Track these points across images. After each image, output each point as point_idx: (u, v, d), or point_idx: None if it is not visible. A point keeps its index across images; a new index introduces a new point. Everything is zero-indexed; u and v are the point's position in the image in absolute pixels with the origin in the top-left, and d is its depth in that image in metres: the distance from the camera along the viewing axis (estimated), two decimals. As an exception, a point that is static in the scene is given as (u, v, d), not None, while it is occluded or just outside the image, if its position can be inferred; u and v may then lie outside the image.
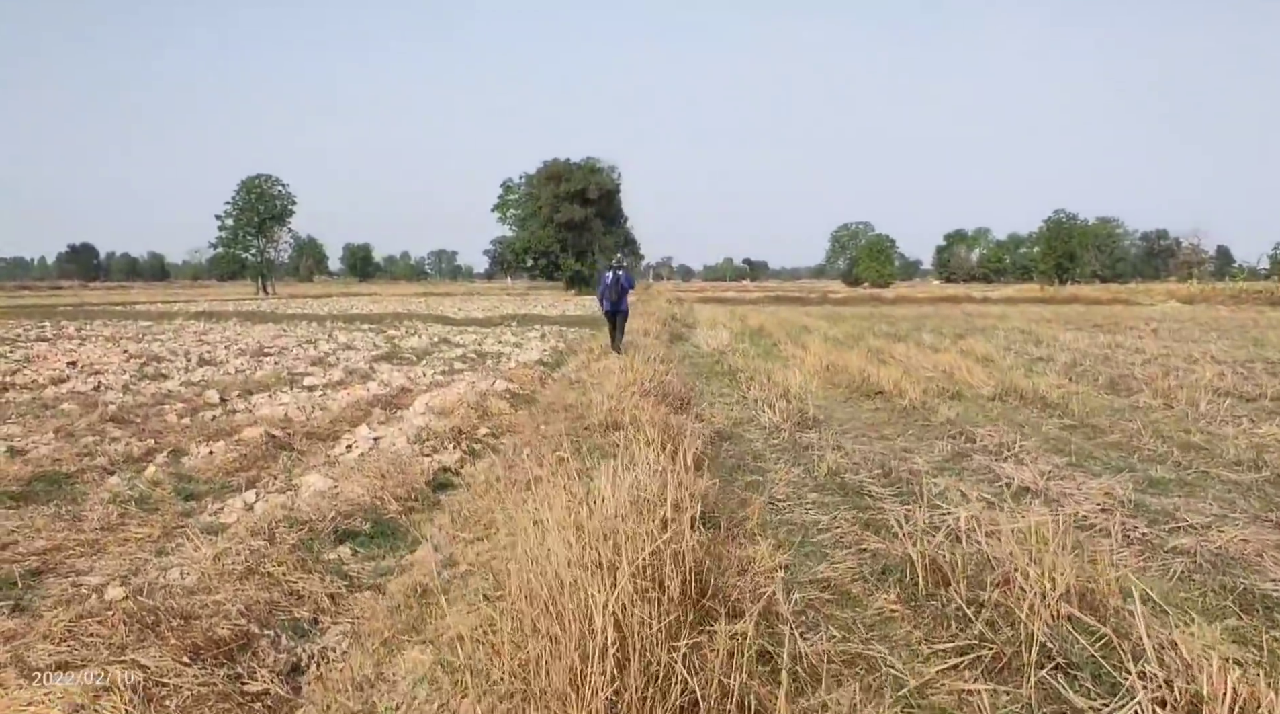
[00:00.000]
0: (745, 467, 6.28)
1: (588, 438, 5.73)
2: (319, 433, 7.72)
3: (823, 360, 12.73)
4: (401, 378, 11.80)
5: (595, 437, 5.73)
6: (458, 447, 7.11)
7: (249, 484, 5.80)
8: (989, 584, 3.42)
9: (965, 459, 6.62)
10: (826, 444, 7.17)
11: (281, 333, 22.37)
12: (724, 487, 5.37)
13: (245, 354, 15.86)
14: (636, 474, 3.84)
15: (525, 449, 5.71)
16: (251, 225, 77.12)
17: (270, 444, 6.76)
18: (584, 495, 3.58)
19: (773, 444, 7.28)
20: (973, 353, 14.38)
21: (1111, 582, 3.29)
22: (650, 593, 2.36)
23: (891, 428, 8.12)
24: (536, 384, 11.65)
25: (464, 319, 28.39)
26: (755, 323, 23.96)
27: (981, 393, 9.97)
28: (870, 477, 5.94)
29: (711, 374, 12.17)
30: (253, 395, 10.79)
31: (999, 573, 3.50)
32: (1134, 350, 15.74)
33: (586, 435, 5.88)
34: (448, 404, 8.85)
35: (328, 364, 14.17)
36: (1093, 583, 3.32)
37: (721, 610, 2.73)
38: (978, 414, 8.66)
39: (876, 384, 10.03)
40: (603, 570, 2.34)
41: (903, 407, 8.94)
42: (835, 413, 8.92)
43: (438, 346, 17.61)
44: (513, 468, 5.26)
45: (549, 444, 5.75)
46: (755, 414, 8.44)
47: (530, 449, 5.69)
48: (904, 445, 7.31)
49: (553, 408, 7.64)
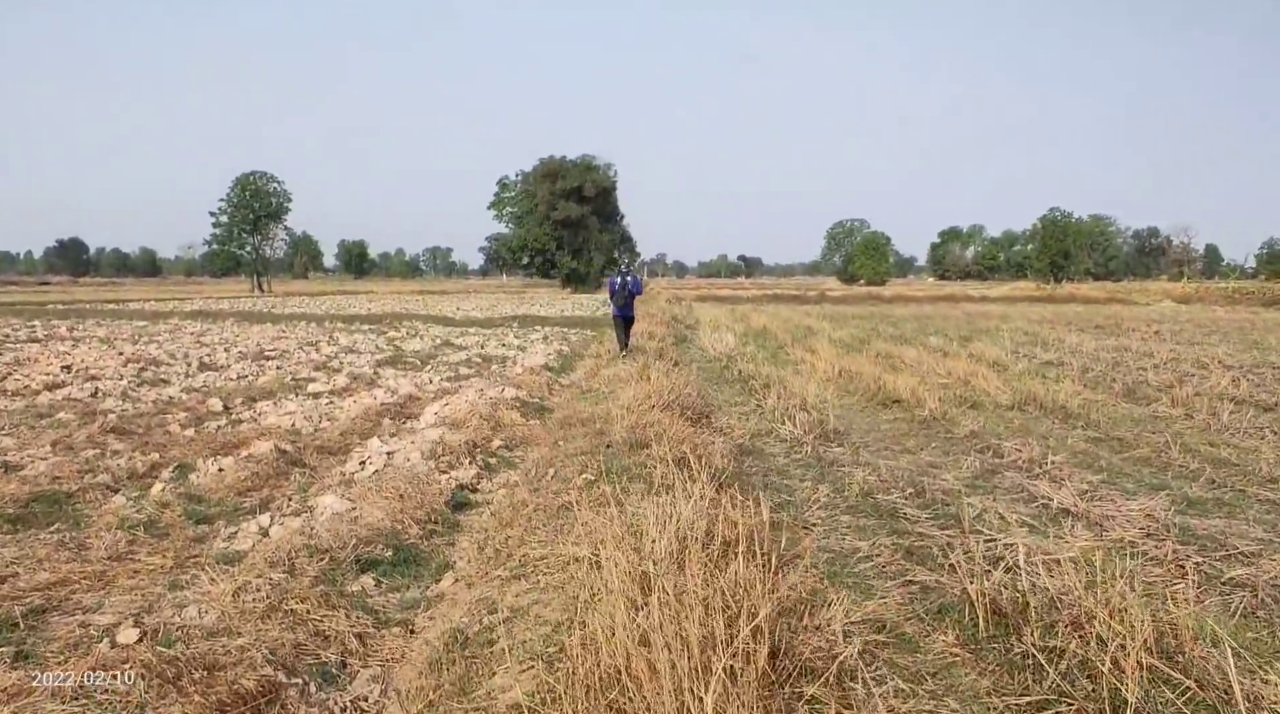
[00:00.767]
0: (771, 485, 6.10)
1: (613, 458, 5.54)
2: (329, 446, 7.50)
3: (834, 366, 12.56)
4: (408, 384, 11.59)
5: (621, 456, 5.54)
6: (473, 461, 6.91)
7: (262, 505, 5.59)
8: (1059, 628, 3.24)
9: (996, 476, 6.45)
10: (851, 459, 7.00)
11: (281, 334, 22.11)
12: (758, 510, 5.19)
13: (246, 358, 15.62)
14: (680, 509, 3.65)
15: (549, 469, 5.51)
16: (246, 223, 76.64)
17: (281, 460, 6.55)
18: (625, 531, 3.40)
19: (796, 459, 7.10)
20: (983, 358, 14.24)
21: (1190, 626, 3.12)
22: (739, 672, 2.17)
23: (914, 440, 7.95)
24: (545, 391, 11.45)
25: (463, 319, 28.17)
26: (758, 324, 23.79)
27: (999, 402, 9.81)
28: (903, 497, 5.76)
29: (722, 380, 11.99)
30: (257, 402, 10.57)
31: (1067, 613, 3.32)
32: (1142, 354, 15.62)
33: (611, 455, 5.69)
34: (459, 415, 8.65)
35: (331, 369, 13.94)
36: (1169, 626, 3.14)
37: (792, 669, 2.54)
38: (1000, 425, 8.50)
39: (893, 392, 9.86)
40: (687, 653, 2.14)
41: (922, 417, 8.77)
42: (854, 423, 8.75)
43: (440, 350, 17.40)
44: (538, 490, 5.06)
45: (573, 463, 5.56)
46: (774, 426, 8.26)
47: (553, 469, 5.50)
48: (930, 460, 7.14)
49: (569, 422, 7.45)
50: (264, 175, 76.74)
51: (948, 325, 24.68)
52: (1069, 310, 35.62)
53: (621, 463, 5.32)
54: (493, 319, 28.13)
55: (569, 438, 6.77)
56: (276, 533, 4.93)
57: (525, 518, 4.40)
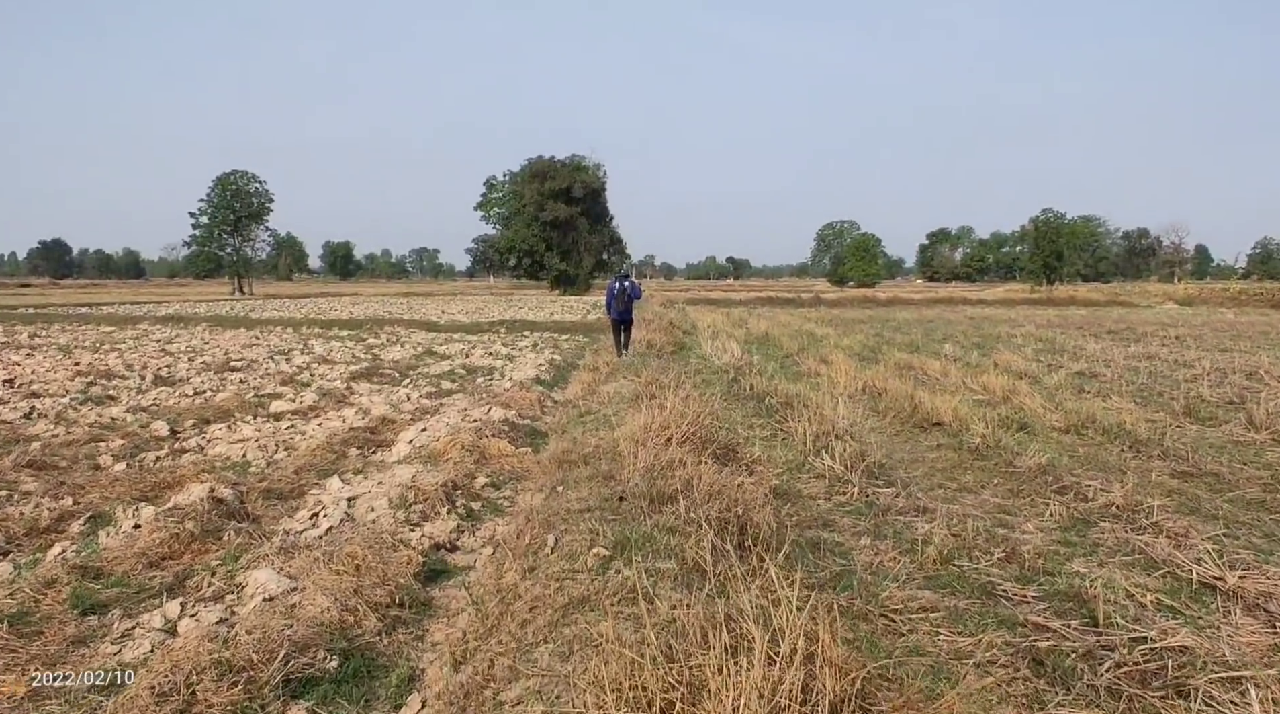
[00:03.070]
0: (820, 544, 4.93)
1: (630, 520, 4.36)
2: (280, 489, 6.26)
3: (854, 380, 11.42)
4: (382, 403, 10.35)
5: (640, 515, 4.36)
6: (452, 510, 5.70)
7: (178, 583, 4.36)
8: None
9: (1090, 528, 5.31)
10: (906, 503, 5.84)
11: (253, 341, 20.78)
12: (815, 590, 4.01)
13: (209, 369, 14.31)
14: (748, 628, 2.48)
15: (547, 533, 4.31)
16: (227, 223, 74.75)
17: (215, 512, 5.31)
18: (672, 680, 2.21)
19: (840, 502, 5.93)
20: (1010, 368, 13.14)
21: None
22: None
23: (970, 475, 6.80)
24: (538, 410, 10.25)
25: (449, 324, 26.86)
26: (759, 330, 22.64)
27: (1051, 423, 8.69)
28: (993, 562, 4.60)
29: (732, 396, 10.81)
30: (210, 425, 9.32)
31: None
32: (1176, 363, 14.56)
33: (627, 514, 4.50)
34: (438, 445, 7.44)
35: (299, 383, 12.68)
36: None
37: None
38: (1063, 454, 7.36)
39: (932, 414, 8.71)
40: None
41: (972, 445, 7.62)
42: (894, 453, 7.59)
43: (422, 360, 16.13)
44: (534, 569, 3.86)
45: (578, 526, 4.36)
46: (805, 458, 7.09)
47: (553, 535, 4.30)
48: (998, 501, 5.99)
49: (569, 460, 6.24)
50: (245, 175, 74.90)
51: (955, 331, 23.62)
52: (1073, 314, 34.67)
53: (642, 529, 4.13)
54: (479, 324, 26.85)
55: (570, 482, 5.56)
56: (186, 629, 3.71)
57: (518, 622, 3.21)
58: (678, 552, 3.83)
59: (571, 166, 71.67)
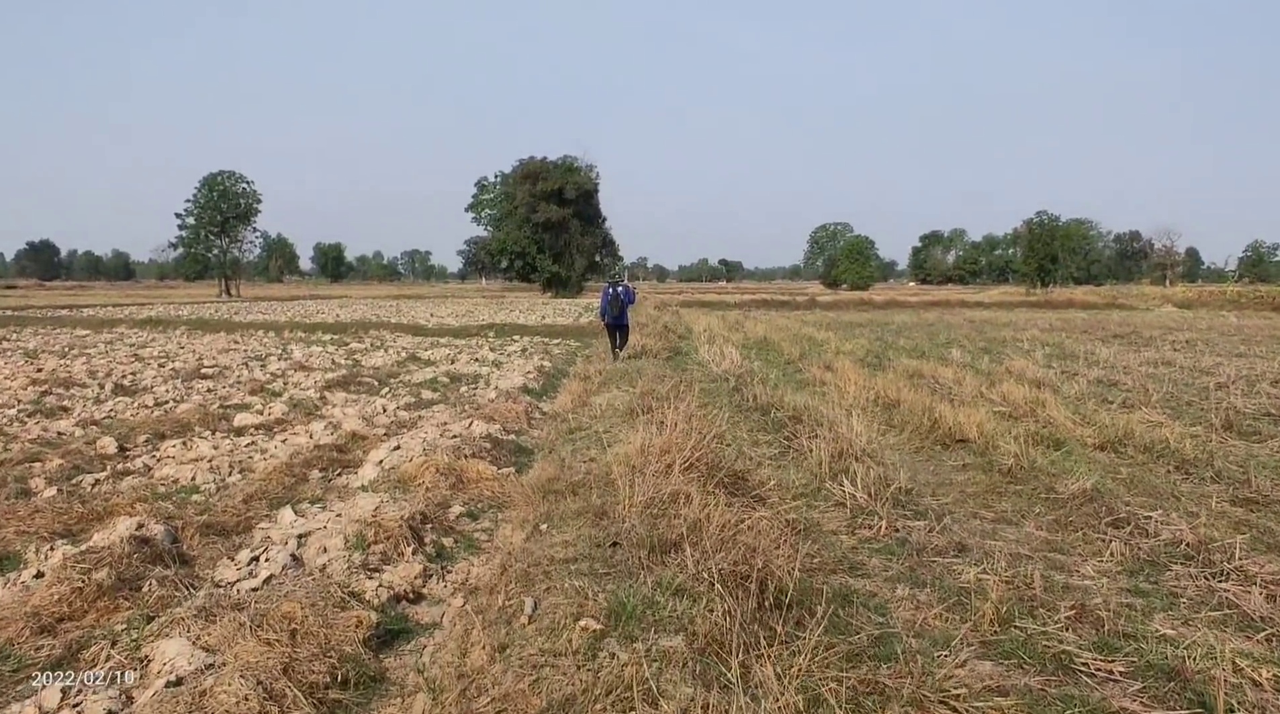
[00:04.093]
0: (850, 595, 4.17)
1: (625, 576, 3.59)
2: (224, 522, 5.46)
3: (864, 389, 10.68)
4: (355, 416, 9.54)
5: (637, 572, 3.59)
6: (419, 549, 4.92)
7: (70, 654, 3.56)
8: None
9: (1161, 572, 4.57)
10: (942, 539, 5.09)
11: (231, 346, 19.92)
12: (849, 662, 3.25)
13: (177, 377, 13.47)
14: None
15: (524, 595, 3.53)
16: (214, 224, 73.63)
17: (138, 556, 4.51)
18: None
19: (865, 538, 5.18)
20: (1025, 376, 12.42)
21: None
22: None
23: (1007, 502, 6.06)
24: (524, 422, 9.48)
25: (436, 328, 26.03)
26: (756, 334, 21.91)
27: (1083, 439, 7.96)
28: (1057, 619, 3.85)
29: (734, 407, 10.05)
30: (165, 441, 8.52)
31: None
32: (1196, 370, 13.89)
33: (621, 564, 3.73)
34: (409, 467, 6.65)
35: (271, 392, 11.86)
36: None
37: None
38: (1103, 476, 6.62)
39: (955, 429, 7.97)
40: None
41: (1003, 466, 6.87)
42: (918, 475, 6.85)
43: (405, 366, 15.32)
44: (507, 647, 3.09)
45: (563, 581, 3.59)
46: (821, 483, 6.33)
47: (532, 599, 3.52)
48: (1044, 536, 5.25)
49: (555, 489, 5.45)
50: (232, 175, 73.80)
51: (957, 335, 22.93)
52: (1074, 317, 34.04)
53: (641, 590, 3.37)
54: (468, 327, 26.01)
55: (555, 518, 4.78)
56: (64, 727, 2.93)
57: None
58: (686, 623, 3.07)
59: (564, 167, 70.93)
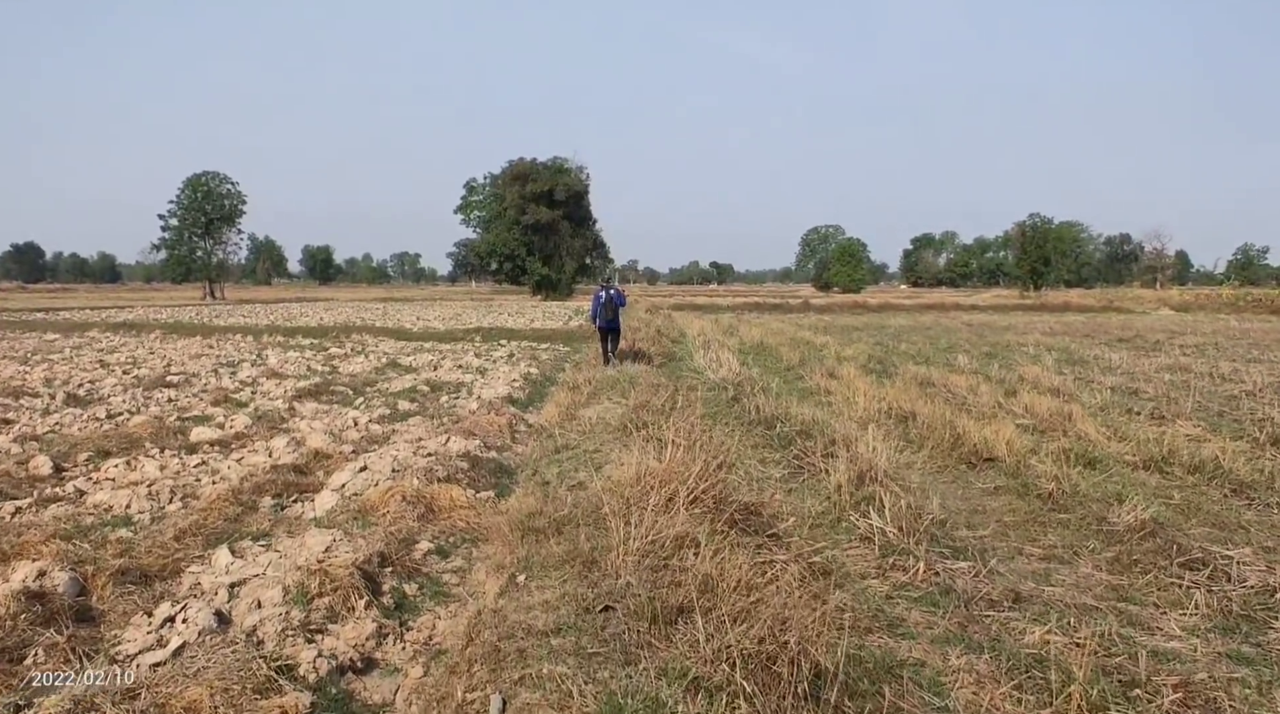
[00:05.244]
0: (893, 665, 3.41)
1: (619, 656, 2.82)
2: (145, 566, 4.64)
3: (875, 400, 9.94)
4: (322, 431, 8.72)
5: (636, 650, 2.83)
6: (374, 601, 4.12)
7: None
8: None
9: (1263, 630, 3.83)
10: (992, 585, 4.34)
11: (204, 351, 19.01)
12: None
13: (139, 385, 12.60)
14: None
15: (492, 695, 2.75)
16: (198, 226, 72.30)
17: (31, 614, 3.72)
18: None
19: (902, 584, 4.42)
20: (1040, 384, 11.72)
21: None
22: None
23: (1054, 535, 5.32)
24: (507, 436, 8.70)
25: (421, 332, 25.16)
26: (752, 338, 21.15)
27: (1120, 456, 7.25)
28: (1158, 702, 3.10)
29: (736, 421, 9.30)
30: (109, 459, 7.70)
31: None
32: (1216, 377, 13.23)
33: (615, 639, 2.97)
34: (374, 495, 5.86)
35: (236, 402, 11.01)
36: None
37: None
38: (1153, 500, 5.89)
39: (981, 446, 7.23)
40: None
41: (1042, 490, 6.13)
42: (946, 500, 6.10)
43: (384, 373, 14.48)
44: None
45: (538, 665, 2.81)
46: (842, 512, 5.58)
47: (500, 691, 2.74)
48: (1108, 580, 4.50)
49: (537, 526, 4.65)
50: (216, 176, 72.44)
51: (959, 339, 22.25)
52: (1073, 320, 33.44)
53: (642, 683, 2.60)
54: (454, 332, 25.14)
55: (535, 566, 4.00)
56: None
57: None
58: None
59: (554, 168, 70.09)
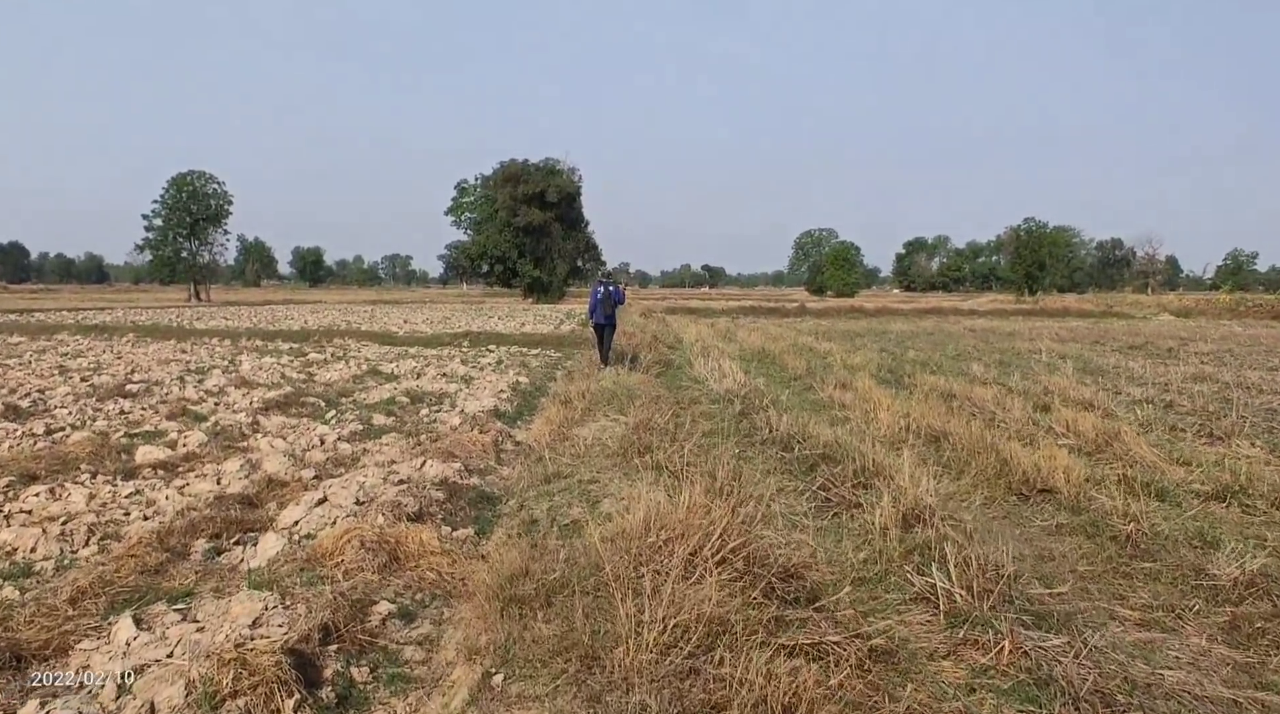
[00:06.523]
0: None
1: None
2: (24, 643, 3.67)
3: (898, 416, 9.04)
4: (283, 452, 7.74)
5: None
6: (306, 699, 3.18)
7: None
8: None
9: None
10: (1110, 680, 3.43)
11: (175, 356, 17.96)
12: None
13: (93, 394, 11.59)
14: None
15: None
16: (183, 226, 70.92)
17: None
18: None
19: (981, 669, 3.51)
20: (1069, 397, 10.85)
21: None
22: None
23: (1143, 590, 4.42)
24: (492, 456, 7.78)
25: (408, 336, 24.13)
26: (753, 344, 20.24)
27: (1185, 485, 6.37)
28: None
29: (744, 439, 8.39)
30: (33, 485, 6.72)
31: None
32: (1250, 387, 12.42)
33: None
34: (329, 536, 4.90)
35: (194, 416, 10.02)
36: None
37: None
38: (1262, 549, 5.00)
39: (1033, 474, 6.33)
40: None
41: (1116, 530, 5.24)
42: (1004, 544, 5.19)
43: (362, 381, 13.49)
44: None
45: None
46: (890, 563, 4.66)
47: None
48: (1233, 657, 3.61)
49: (521, 594, 3.71)
50: (202, 175, 71.07)
51: (965, 346, 21.41)
52: (1075, 325, 32.71)
53: None
54: (441, 336, 24.12)
55: (518, 658, 3.07)
56: None
57: None
58: None
59: (545, 170, 69.12)
